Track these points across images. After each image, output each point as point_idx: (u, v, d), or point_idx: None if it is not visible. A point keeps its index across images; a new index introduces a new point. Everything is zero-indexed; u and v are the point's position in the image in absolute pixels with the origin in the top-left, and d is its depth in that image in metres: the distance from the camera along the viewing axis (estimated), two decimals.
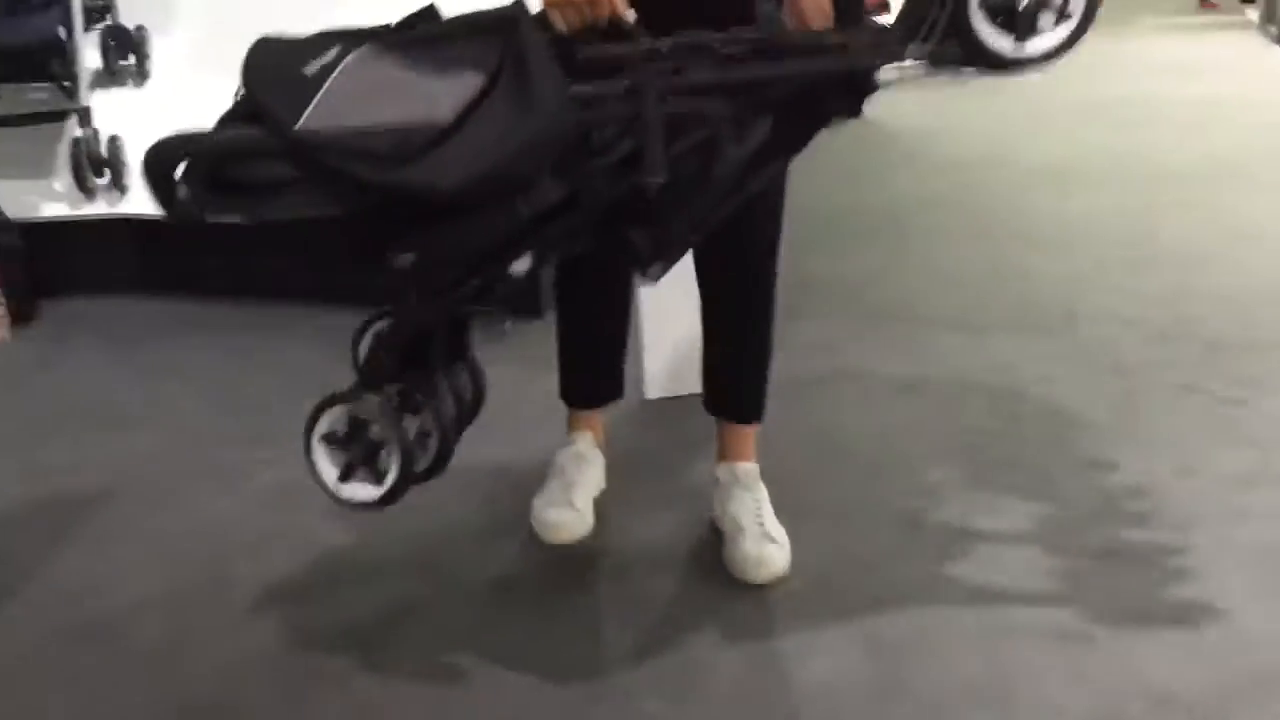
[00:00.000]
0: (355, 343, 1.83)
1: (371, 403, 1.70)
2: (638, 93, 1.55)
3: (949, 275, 3.67)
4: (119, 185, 3.57)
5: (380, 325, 1.81)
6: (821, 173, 5.24)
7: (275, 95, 1.59)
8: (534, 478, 2.27)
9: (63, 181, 3.56)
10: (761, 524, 2.03)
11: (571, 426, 2.27)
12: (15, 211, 3.50)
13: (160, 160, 1.64)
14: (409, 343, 1.76)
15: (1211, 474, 2.32)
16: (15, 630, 1.97)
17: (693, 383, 2.31)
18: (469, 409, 1.89)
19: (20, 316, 3.43)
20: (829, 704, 1.75)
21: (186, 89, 3.78)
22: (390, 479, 1.69)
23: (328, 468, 1.73)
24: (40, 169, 3.59)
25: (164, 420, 2.75)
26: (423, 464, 1.76)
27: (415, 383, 1.77)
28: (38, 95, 3.56)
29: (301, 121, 1.54)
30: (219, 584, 2.09)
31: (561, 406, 2.28)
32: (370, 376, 1.75)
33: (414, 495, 1.76)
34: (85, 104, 3.50)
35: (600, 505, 2.23)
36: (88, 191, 3.55)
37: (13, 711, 1.77)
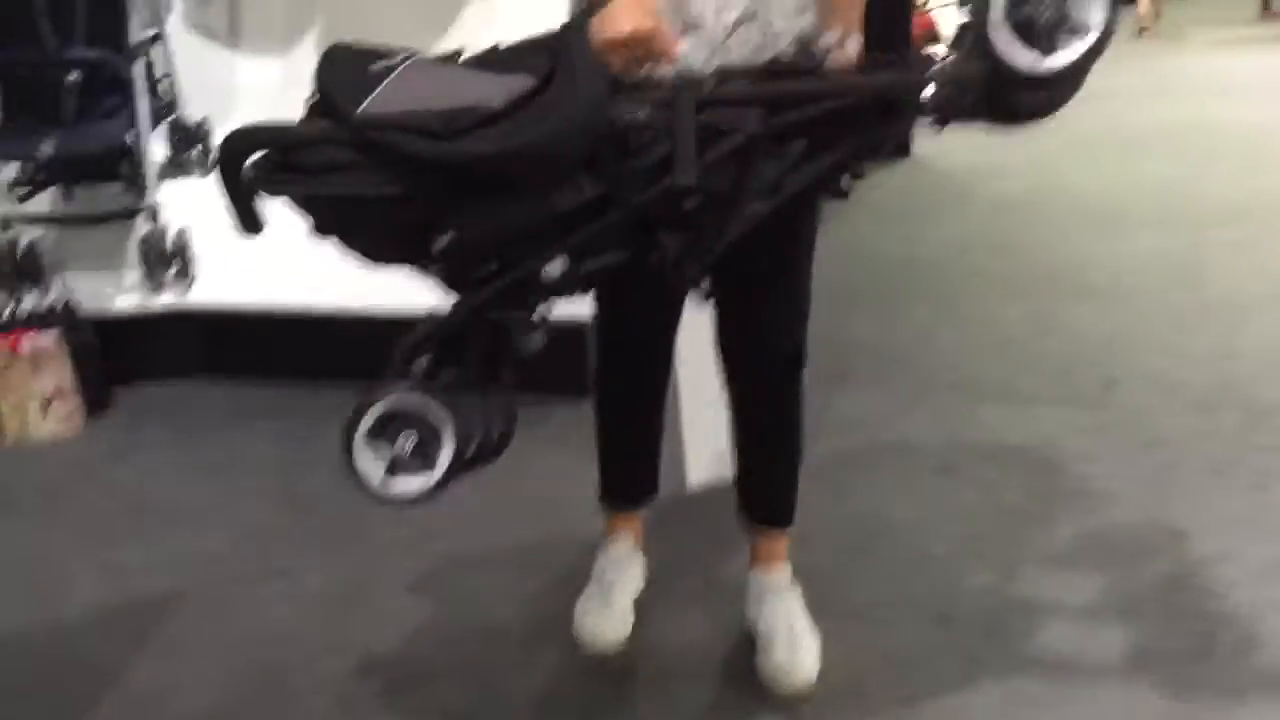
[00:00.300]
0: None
1: (416, 393, 1.71)
2: (673, 102, 1.63)
3: (993, 336, 3.73)
4: (186, 276, 3.74)
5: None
6: (871, 217, 5.32)
7: (340, 89, 1.68)
8: (578, 572, 2.35)
9: (133, 275, 3.74)
10: (792, 630, 2.09)
11: (610, 529, 2.35)
12: (90, 304, 3.68)
13: (233, 148, 1.72)
14: (446, 344, 1.78)
15: (1241, 562, 2.35)
16: None
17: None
18: (495, 443, 1.84)
19: (95, 406, 3.60)
20: None
21: None
22: (443, 462, 1.68)
23: (371, 467, 1.73)
24: (112, 264, 3.76)
25: (227, 518, 2.87)
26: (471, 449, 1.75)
27: (450, 380, 1.77)
28: (108, 192, 3.76)
29: (363, 108, 1.64)
30: (276, 695, 2.19)
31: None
32: (404, 368, 1.76)
33: (458, 597, 1.83)
34: (153, 202, 3.68)
35: (641, 604, 2.30)
36: (157, 284, 3.73)
37: None
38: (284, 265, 3.66)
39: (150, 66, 3.71)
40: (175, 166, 3.96)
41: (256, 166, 1.72)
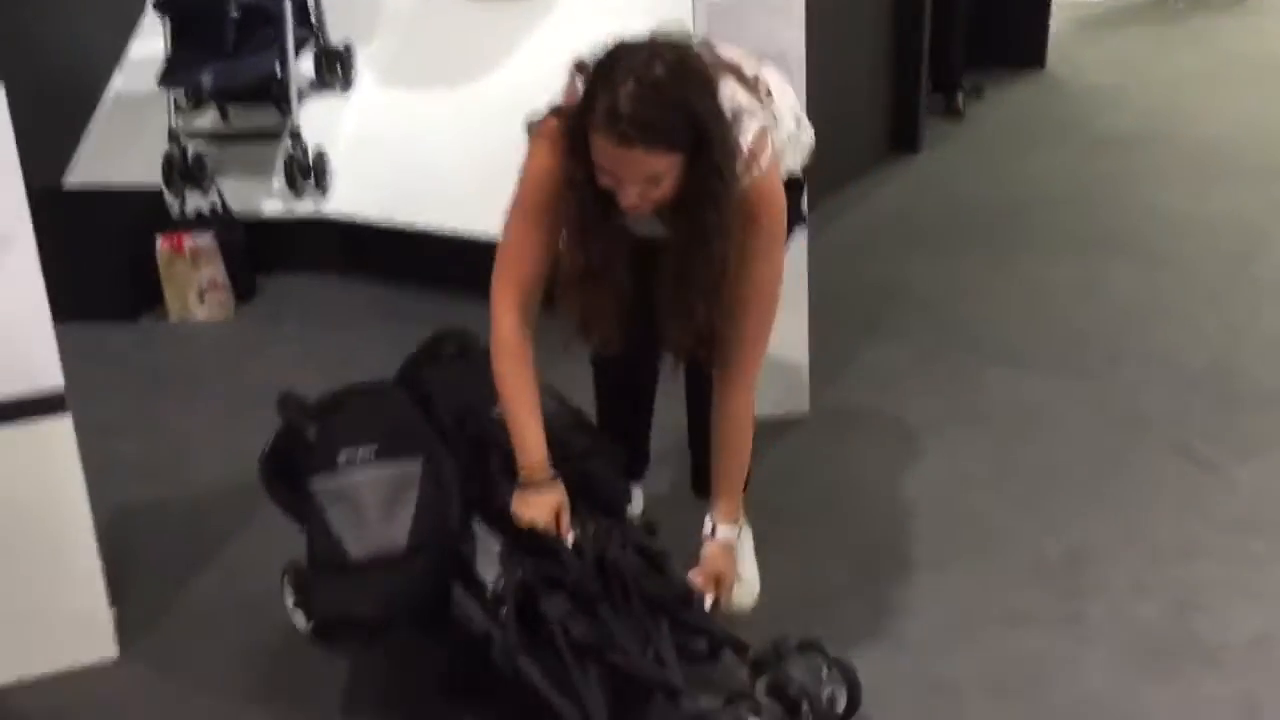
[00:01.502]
0: None
1: None
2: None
3: (1029, 297, 4.04)
4: (322, 188, 4.33)
5: None
6: (965, 149, 5.55)
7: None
8: None
9: (278, 184, 4.34)
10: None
11: None
12: (240, 208, 4.31)
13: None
14: None
15: (1149, 543, 2.73)
16: (201, 598, 2.73)
17: None
18: None
19: (242, 295, 4.26)
20: None
21: (383, 98, 4.53)
22: None
23: None
24: (260, 174, 4.38)
25: None
26: None
27: None
28: (260, 112, 4.36)
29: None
30: None
31: None
32: None
33: None
34: (297, 123, 4.26)
35: None
36: (298, 193, 4.33)
37: (189, 665, 2.53)
38: (405, 185, 4.24)
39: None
40: (320, 86, 4.56)
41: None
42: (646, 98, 1.98)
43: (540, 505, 2.22)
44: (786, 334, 3.00)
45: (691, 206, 2.12)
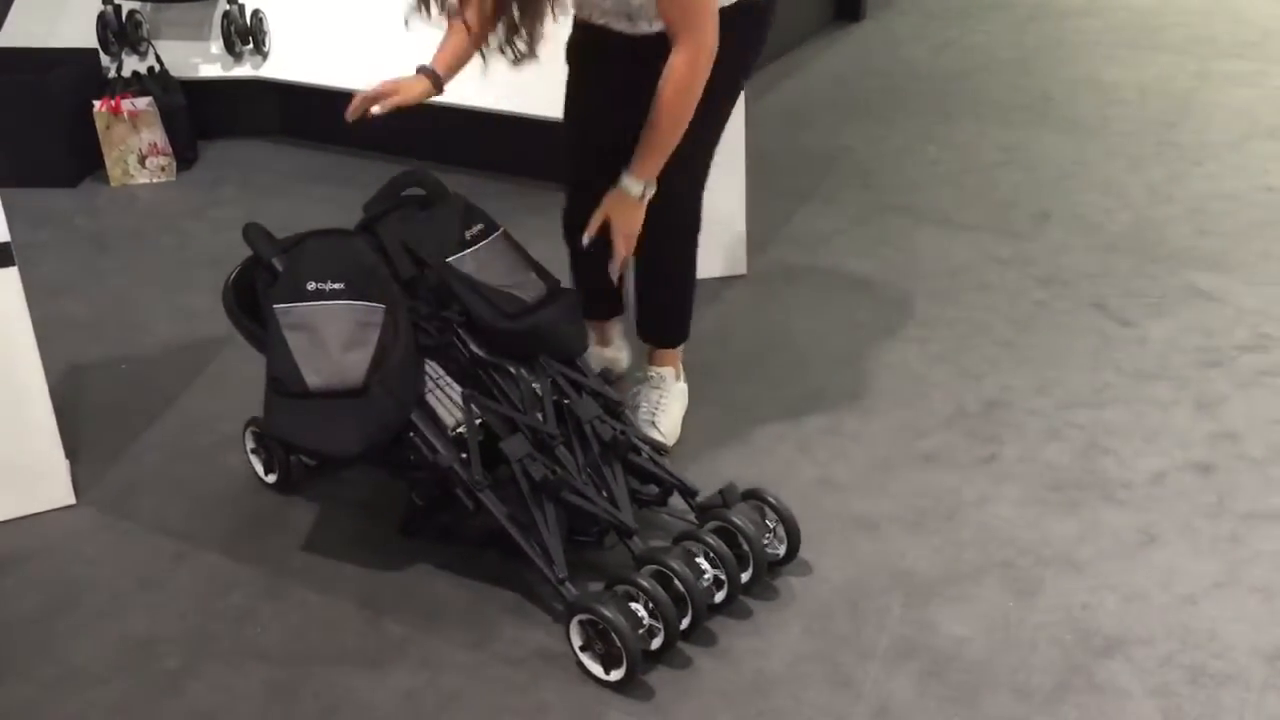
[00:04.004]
0: None
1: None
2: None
3: (963, 162, 4.15)
4: (260, 51, 4.30)
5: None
6: (910, 18, 5.59)
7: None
8: None
9: (216, 46, 4.31)
10: (659, 404, 2.68)
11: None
12: (178, 71, 4.28)
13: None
14: None
15: (1062, 392, 2.88)
16: (154, 451, 2.81)
17: None
18: None
19: (184, 160, 4.26)
20: None
21: None
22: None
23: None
24: (199, 36, 4.34)
25: None
26: None
27: None
28: None
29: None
30: None
31: None
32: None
33: None
34: None
35: None
36: (236, 56, 4.30)
37: (143, 511, 2.62)
38: (345, 49, 4.22)
39: None
40: None
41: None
42: None
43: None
44: (725, 197, 3.08)
45: None
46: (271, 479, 2.62)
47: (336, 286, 2.29)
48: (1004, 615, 2.21)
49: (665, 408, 2.71)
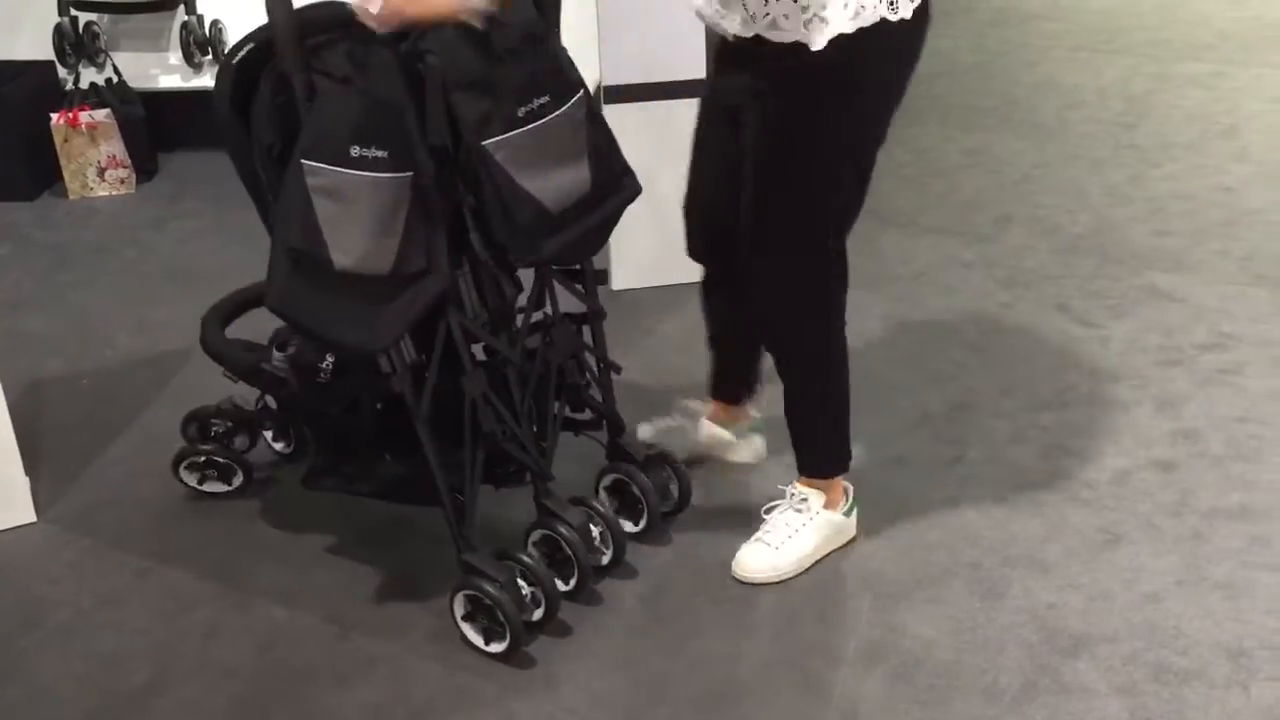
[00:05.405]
0: None
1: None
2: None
3: (925, 166, 4.18)
4: (219, 62, 4.26)
5: None
6: None
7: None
8: None
9: (175, 57, 4.28)
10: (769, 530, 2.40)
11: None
12: (137, 83, 4.25)
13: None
14: None
15: (1026, 394, 2.89)
16: (117, 467, 2.78)
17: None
18: None
19: (143, 172, 4.22)
20: None
21: None
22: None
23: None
24: (158, 47, 4.31)
25: (246, 282, 3.50)
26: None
27: None
28: None
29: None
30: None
31: None
32: None
33: None
34: None
35: None
36: (195, 66, 4.27)
37: (106, 528, 2.59)
38: None
39: None
40: None
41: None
42: None
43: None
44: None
45: None
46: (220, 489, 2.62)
47: (380, 155, 1.95)
48: (972, 616, 2.22)
49: (797, 534, 2.38)
